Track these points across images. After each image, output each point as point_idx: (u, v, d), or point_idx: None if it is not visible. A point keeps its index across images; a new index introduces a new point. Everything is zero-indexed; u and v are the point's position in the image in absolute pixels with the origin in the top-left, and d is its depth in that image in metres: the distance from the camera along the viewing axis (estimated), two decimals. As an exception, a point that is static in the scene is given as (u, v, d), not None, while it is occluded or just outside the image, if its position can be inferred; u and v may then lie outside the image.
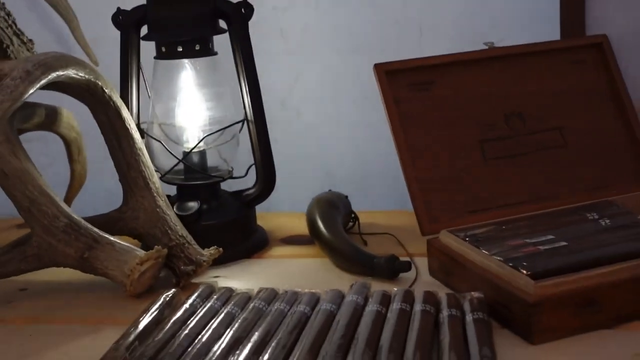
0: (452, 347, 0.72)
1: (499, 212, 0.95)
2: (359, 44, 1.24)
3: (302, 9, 1.24)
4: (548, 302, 0.75)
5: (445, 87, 1.00)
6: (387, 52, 1.09)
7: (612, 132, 1.03)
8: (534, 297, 0.76)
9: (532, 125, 1.01)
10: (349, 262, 0.95)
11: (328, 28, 1.24)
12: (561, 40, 1.07)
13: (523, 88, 1.02)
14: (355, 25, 1.22)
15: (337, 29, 1.24)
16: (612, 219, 0.90)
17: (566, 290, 0.76)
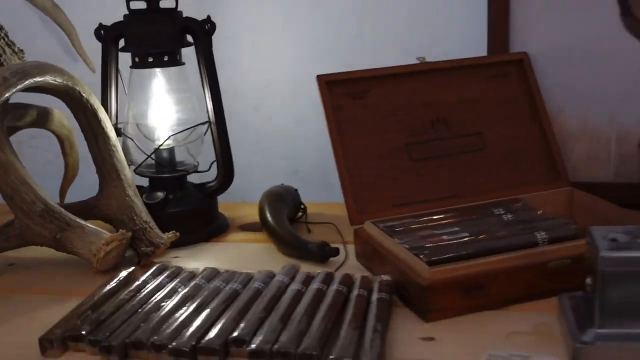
0: (351, 321, 0.76)
1: (420, 206, 0.99)
2: (321, 55, 1.27)
3: (272, 25, 1.28)
4: (440, 285, 0.79)
5: (378, 96, 1.03)
6: (344, 62, 1.12)
7: (528, 138, 1.06)
8: (428, 281, 0.79)
9: (456, 131, 1.04)
10: (288, 247, 0.99)
11: (294, 42, 1.28)
12: (486, 56, 1.09)
13: (450, 98, 1.05)
14: (317, 39, 1.26)
15: (302, 43, 1.27)
16: (515, 214, 0.94)
17: (456, 275, 0.80)
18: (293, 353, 0.71)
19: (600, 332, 0.70)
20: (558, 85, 1.09)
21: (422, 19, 1.21)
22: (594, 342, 0.69)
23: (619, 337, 0.69)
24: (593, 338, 0.70)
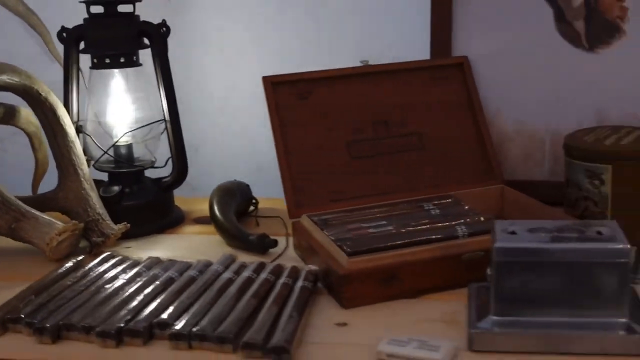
0: (271, 307, 0.79)
1: (357, 201, 1.02)
2: (282, 58, 1.30)
3: (239, 31, 1.31)
4: (356, 274, 0.82)
5: (322, 96, 1.06)
6: (303, 64, 1.14)
7: (465, 138, 1.09)
8: (346, 270, 0.82)
9: (395, 131, 1.07)
10: (232, 239, 1.02)
11: (258, 45, 1.31)
12: (427, 60, 1.12)
13: (391, 99, 1.08)
14: (279, 42, 1.29)
15: (266, 46, 1.30)
16: (443, 209, 0.96)
17: (373, 266, 0.83)
18: (210, 336, 0.75)
19: (496, 319, 0.72)
20: (496, 87, 1.12)
21: (376, 24, 1.24)
22: (490, 328, 0.72)
23: (514, 324, 0.72)
24: (489, 325, 0.72)
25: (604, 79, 1.07)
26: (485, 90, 1.12)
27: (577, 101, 1.09)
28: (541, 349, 0.71)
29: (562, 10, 1.08)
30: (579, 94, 1.09)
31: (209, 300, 0.82)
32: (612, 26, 1.07)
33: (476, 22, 1.12)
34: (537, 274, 0.71)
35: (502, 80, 1.12)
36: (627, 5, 1.06)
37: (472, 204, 1.00)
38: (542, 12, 1.09)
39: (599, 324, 0.70)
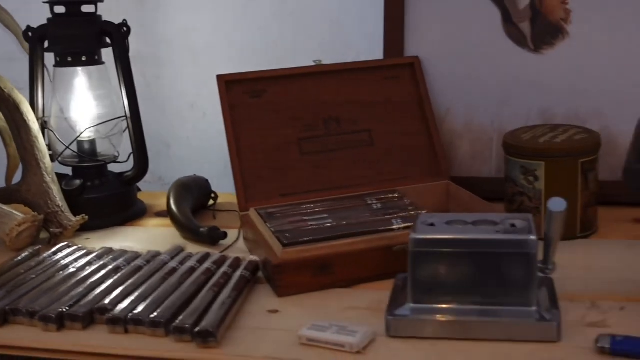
0: (207, 294, 0.83)
1: (306, 196, 1.06)
2: (247, 56, 1.34)
3: (207, 30, 1.35)
4: (290, 264, 0.86)
5: (275, 95, 1.10)
6: (267, 63, 1.19)
7: (415, 136, 1.13)
8: (279, 260, 0.86)
9: (346, 128, 1.11)
10: (185, 231, 1.07)
11: (226, 45, 1.35)
12: (379, 60, 1.15)
13: (343, 98, 1.12)
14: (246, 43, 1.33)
15: (233, 45, 1.34)
16: (384, 204, 1.00)
17: (306, 256, 0.87)
18: (144, 320, 0.79)
19: (413, 307, 0.76)
20: (447, 87, 1.15)
21: (339, 25, 1.28)
22: (406, 315, 0.76)
23: (428, 311, 0.76)
24: (405, 312, 0.76)
25: (549, 79, 1.11)
26: (436, 90, 1.16)
27: (524, 100, 1.12)
28: (454, 335, 0.74)
29: (509, 12, 1.12)
30: (525, 94, 1.12)
31: (150, 287, 0.86)
32: (556, 28, 1.10)
33: (428, 24, 1.16)
34: (450, 264, 0.75)
35: (452, 80, 1.15)
36: (571, 7, 1.09)
37: (417, 199, 1.03)
38: (490, 14, 1.13)
39: (508, 312, 0.74)
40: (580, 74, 1.10)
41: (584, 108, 1.10)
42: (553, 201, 0.72)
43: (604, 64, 1.08)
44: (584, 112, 1.10)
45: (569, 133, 1.00)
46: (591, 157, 0.96)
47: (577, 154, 0.95)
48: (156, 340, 0.78)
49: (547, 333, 0.73)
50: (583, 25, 1.09)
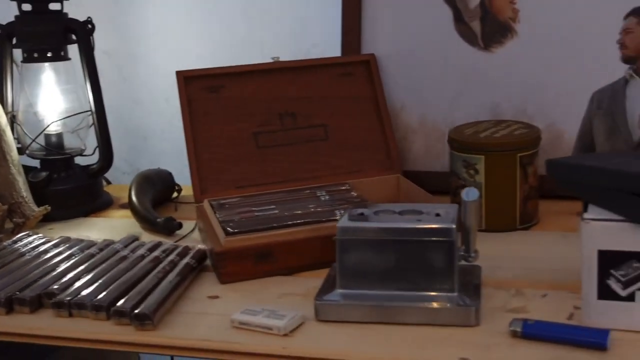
0: (150, 280, 0.87)
1: (260, 188, 1.09)
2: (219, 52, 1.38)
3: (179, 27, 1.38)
4: (231, 252, 0.90)
5: (233, 90, 1.14)
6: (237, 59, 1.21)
7: (369, 131, 1.16)
8: (222, 248, 0.90)
9: (301, 122, 1.14)
10: (143, 222, 1.10)
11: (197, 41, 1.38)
12: (336, 57, 1.19)
13: (299, 93, 1.15)
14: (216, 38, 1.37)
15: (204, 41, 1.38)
16: (332, 196, 1.03)
17: (248, 245, 0.90)
18: (87, 304, 0.82)
19: (340, 292, 0.79)
20: (401, 83, 1.19)
21: (303, 24, 1.32)
22: (334, 300, 0.79)
23: (355, 296, 0.79)
24: (334, 297, 0.79)
25: (498, 76, 1.14)
26: (391, 86, 1.19)
27: (475, 97, 1.15)
28: (378, 319, 0.78)
29: (460, 11, 1.15)
30: (476, 91, 1.15)
31: (99, 274, 0.90)
32: (505, 26, 1.13)
33: (384, 23, 1.19)
34: (374, 251, 0.78)
35: (407, 77, 1.18)
36: (519, 7, 1.12)
37: (369, 192, 1.07)
38: (442, 13, 1.16)
39: (430, 297, 0.77)
40: (528, 72, 1.12)
41: (531, 105, 1.13)
42: (467, 191, 0.76)
43: (550, 62, 1.11)
44: (532, 108, 1.13)
45: (510, 128, 1.03)
46: (530, 152, 0.99)
47: (515, 148, 0.98)
48: (98, 323, 0.82)
49: (466, 317, 0.76)
50: (530, 24, 1.12)
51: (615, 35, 1.08)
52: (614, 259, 0.71)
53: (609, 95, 1.09)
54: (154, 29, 1.40)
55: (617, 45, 1.08)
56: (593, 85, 1.10)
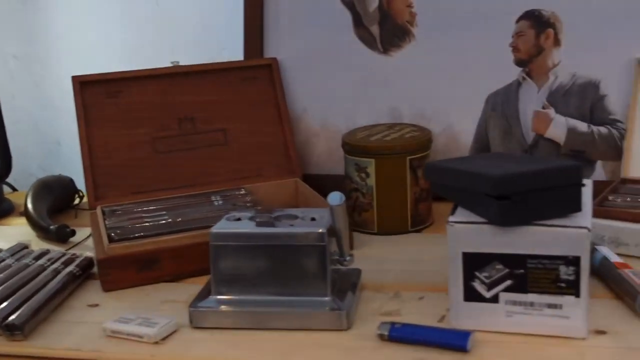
0: (29, 289, 0.85)
1: (158, 193, 1.08)
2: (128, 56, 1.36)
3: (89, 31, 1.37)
4: (114, 260, 0.88)
5: (130, 95, 1.12)
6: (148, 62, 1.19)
7: (270, 134, 1.15)
8: (104, 256, 0.88)
9: (200, 127, 1.13)
10: (36, 229, 1.08)
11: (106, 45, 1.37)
12: (237, 61, 1.18)
13: (199, 98, 1.14)
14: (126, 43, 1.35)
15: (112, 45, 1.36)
16: (227, 201, 1.03)
17: (131, 252, 0.89)
18: (-42, 314, 0.81)
19: (215, 299, 0.79)
20: (303, 87, 1.18)
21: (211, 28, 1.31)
22: (208, 307, 0.78)
23: (229, 302, 0.78)
24: (209, 303, 0.79)
25: (397, 79, 1.14)
26: (293, 90, 1.19)
27: (375, 100, 1.16)
28: (253, 325, 0.77)
29: (360, 15, 1.15)
30: (375, 94, 1.15)
31: (-13, 279, 0.88)
32: (403, 30, 1.14)
33: (285, 26, 1.18)
34: (247, 257, 0.78)
35: (309, 81, 1.18)
36: (416, 10, 1.13)
37: (267, 196, 1.07)
38: (342, 17, 1.16)
39: (304, 302, 0.77)
40: (426, 75, 1.13)
41: (429, 107, 1.13)
42: (331, 196, 0.75)
43: (447, 65, 1.12)
44: (430, 111, 1.13)
45: (402, 131, 1.04)
46: (420, 155, 1.00)
47: (405, 151, 0.99)
48: (-30, 333, 0.80)
49: (337, 322, 0.76)
50: (427, 27, 1.12)
51: (508, 39, 1.09)
52: (478, 260, 0.72)
53: (503, 97, 1.10)
54: (62, 32, 1.38)
55: (510, 48, 1.09)
56: (488, 88, 1.11)
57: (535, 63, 1.09)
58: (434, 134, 1.14)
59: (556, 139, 1.08)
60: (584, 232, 0.68)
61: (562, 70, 1.08)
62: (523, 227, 0.70)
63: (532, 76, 1.09)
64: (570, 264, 0.69)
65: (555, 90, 1.08)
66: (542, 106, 1.09)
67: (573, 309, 0.70)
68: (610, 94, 1.06)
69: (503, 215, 0.69)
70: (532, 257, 0.70)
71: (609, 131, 1.07)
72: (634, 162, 1.03)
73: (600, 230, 0.89)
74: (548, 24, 1.07)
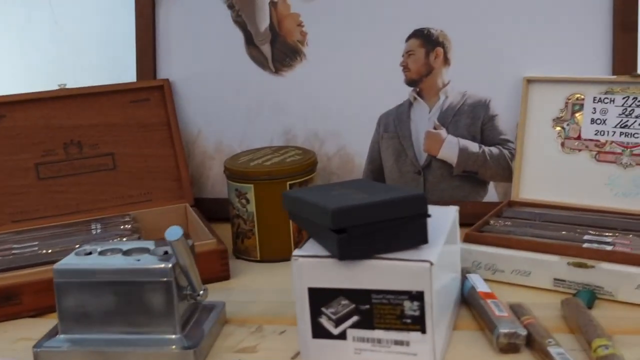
0: None
1: (39, 221, 1.03)
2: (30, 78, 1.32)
3: None
4: (-31, 295, 0.84)
5: (14, 120, 1.08)
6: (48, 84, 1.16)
7: (161, 157, 1.11)
8: (-40, 291, 0.84)
9: (88, 152, 1.09)
10: None
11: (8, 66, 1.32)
12: (128, 83, 1.14)
13: (88, 121, 1.10)
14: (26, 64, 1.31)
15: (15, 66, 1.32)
16: (104, 229, 0.99)
17: (-13, 286, 0.85)
18: None
19: (63, 337, 0.75)
20: (198, 108, 1.15)
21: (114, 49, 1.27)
22: (54, 346, 0.74)
23: (76, 341, 0.74)
24: (55, 343, 0.74)
25: (290, 100, 1.11)
26: (188, 111, 1.15)
27: (268, 121, 1.12)
28: (100, 365, 0.73)
29: (251, 34, 1.12)
30: (269, 115, 1.12)
31: None
32: (294, 50, 1.10)
33: (179, 47, 1.15)
34: (93, 294, 0.74)
35: (203, 102, 1.15)
36: (306, 30, 1.10)
37: (156, 222, 1.03)
38: (234, 36, 1.12)
39: (152, 341, 0.73)
40: (318, 95, 1.10)
41: (322, 128, 1.10)
42: (169, 230, 0.72)
43: (339, 85, 1.09)
44: (323, 132, 1.10)
45: (285, 155, 1.00)
46: (301, 179, 0.96)
47: (284, 176, 0.95)
48: None
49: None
50: (318, 46, 1.09)
51: (399, 58, 1.06)
52: (324, 296, 0.68)
53: (395, 118, 1.07)
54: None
55: (400, 67, 1.07)
56: (380, 108, 1.08)
57: (425, 82, 1.06)
58: (328, 155, 1.11)
59: (448, 160, 1.06)
60: (426, 266, 0.65)
61: (453, 90, 1.05)
62: (366, 261, 0.67)
63: (423, 96, 1.06)
64: (414, 299, 0.66)
65: (446, 110, 1.05)
66: (433, 126, 1.06)
67: (420, 346, 0.67)
68: (500, 113, 1.04)
69: (342, 249, 0.66)
70: (377, 292, 0.67)
71: (500, 151, 1.04)
72: (524, 183, 1.00)
73: (477, 256, 0.86)
74: (437, 42, 1.05)
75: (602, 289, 0.80)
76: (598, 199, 0.95)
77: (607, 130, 0.96)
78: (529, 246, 0.84)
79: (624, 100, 0.95)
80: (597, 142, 0.96)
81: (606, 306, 0.79)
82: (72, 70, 1.29)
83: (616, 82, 0.96)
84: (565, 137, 0.98)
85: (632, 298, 0.78)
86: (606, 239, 0.83)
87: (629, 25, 0.98)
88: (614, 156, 0.95)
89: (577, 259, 0.81)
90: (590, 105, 0.97)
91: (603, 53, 1.00)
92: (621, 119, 0.95)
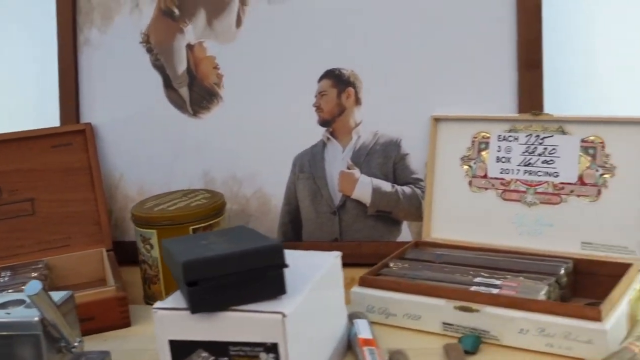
0: None
1: (-47, 269, 1.04)
2: None
3: None
4: None
5: None
6: None
7: (82, 202, 1.12)
8: None
9: (7, 198, 1.10)
10: None
11: None
12: (49, 128, 1.14)
13: (7, 167, 1.10)
14: None
15: None
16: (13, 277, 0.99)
17: None
18: None
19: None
20: (120, 152, 1.15)
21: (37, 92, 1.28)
22: None
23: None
24: None
25: (208, 142, 1.11)
26: (110, 156, 1.16)
27: (188, 164, 1.12)
28: (-28, 420, 0.73)
29: (169, 77, 1.12)
30: (189, 158, 1.12)
31: None
32: (211, 92, 1.11)
33: (101, 91, 1.16)
34: (-36, 348, 0.73)
35: (125, 146, 1.15)
36: (222, 72, 1.10)
37: (74, 268, 1.04)
38: (153, 79, 1.13)
39: (23, 395, 0.73)
40: (235, 137, 1.10)
41: (240, 170, 1.10)
42: (28, 286, 0.71)
43: (254, 126, 1.09)
44: (241, 174, 1.10)
45: (193, 199, 1.00)
46: (205, 223, 0.96)
47: (187, 221, 0.95)
48: None
49: (55, 415, 0.72)
50: (234, 89, 1.10)
51: (312, 98, 1.07)
52: (184, 348, 0.68)
53: (310, 158, 1.07)
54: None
55: (313, 108, 1.07)
56: (295, 149, 1.08)
57: (338, 122, 1.06)
58: (246, 197, 1.11)
59: (362, 200, 1.05)
60: (278, 318, 0.65)
61: (365, 130, 1.05)
62: (221, 313, 0.66)
63: (337, 136, 1.06)
64: (270, 350, 0.65)
65: (358, 150, 1.05)
66: (347, 166, 1.06)
67: (279, 398, 0.66)
68: (411, 152, 1.03)
69: (193, 302, 0.65)
70: (234, 344, 0.66)
71: (413, 190, 1.03)
72: (434, 223, 1.00)
73: (370, 300, 0.86)
74: (348, 82, 1.05)
75: (488, 333, 0.79)
76: (505, 238, 0.95)
77: (512, 169, 0.95)
78: (419, 290, 0.83)
79: (527, 138, 0.94)
80: (503, 181, 0.96)
81: (492, 350, 0.78)
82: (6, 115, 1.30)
83: (519, 120, 0.95)
84: (473, 175, 0.98)
85: (516, 342, 0.77)
86: (495, 282, 0.82)
87: (533, 63, 0.98)
88: (519, 195, 0.94)
89: (463, 303, 0.80)
90: (496, 143, 0.97)
91: (509, 91, 0.99)
92: (524, 157, 0.94)
